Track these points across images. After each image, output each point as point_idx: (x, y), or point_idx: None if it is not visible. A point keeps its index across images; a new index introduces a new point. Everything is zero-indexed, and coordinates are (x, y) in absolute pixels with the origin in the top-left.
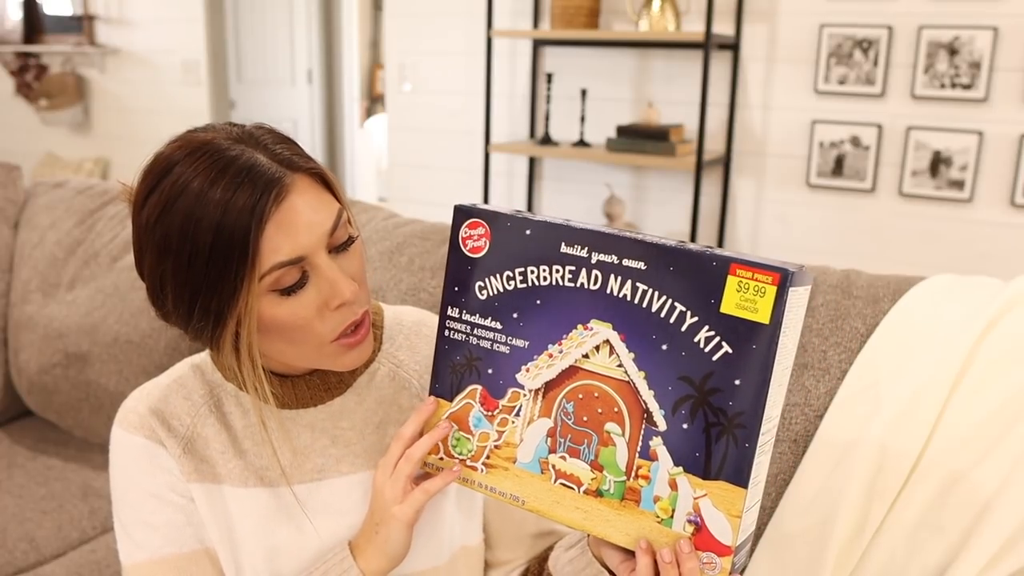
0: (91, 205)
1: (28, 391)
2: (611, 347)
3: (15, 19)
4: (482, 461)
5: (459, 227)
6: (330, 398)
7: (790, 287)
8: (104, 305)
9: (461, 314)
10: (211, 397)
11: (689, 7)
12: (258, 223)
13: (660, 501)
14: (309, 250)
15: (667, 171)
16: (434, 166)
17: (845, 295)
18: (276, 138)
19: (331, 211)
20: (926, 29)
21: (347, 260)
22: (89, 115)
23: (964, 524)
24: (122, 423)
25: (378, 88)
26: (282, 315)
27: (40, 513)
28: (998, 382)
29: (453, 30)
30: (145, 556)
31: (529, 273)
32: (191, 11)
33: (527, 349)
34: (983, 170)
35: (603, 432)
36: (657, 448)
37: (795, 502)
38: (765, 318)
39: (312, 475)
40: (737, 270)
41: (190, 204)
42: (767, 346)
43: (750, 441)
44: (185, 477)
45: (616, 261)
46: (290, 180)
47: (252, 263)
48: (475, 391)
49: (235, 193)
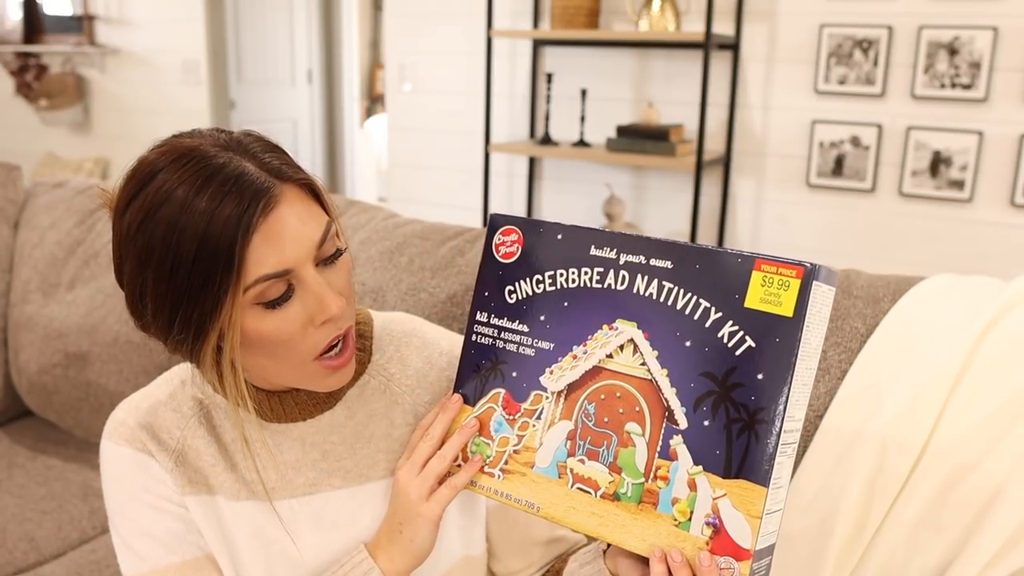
0: (91, 205)
1: (28, 391)
2: (635, 346)
3: (15, 19)
4: (500, 467)
5: (493, 235)
6: (319, 412)
7: (814, 281)
8: (104, 305)
9: (490, 318)
10: (200, 408)
11: (689, 7)
12: (244, 234)
13: (678, 503)
14: (296, 263)
15: (667, 171)
16: (434, 166)
17: (845, 295)
18: (265, 146)
19: (320, 223)
20: (926, 29)
21: (335, 274)
22: (89, 115)
23: (964, 524)
24: (111, 436)
25: (378, 88)
26: (266, 329)
27: (40, 513)
28: (998, 382)
29: (453, 30)
30: (149, 567)
31: (558, 276)
32: (191, 11)
33: (552, 351)
34: (983, 170)
35: (623, 433)
36: (677, 447)
37: (795, 502)
38: (789, 311)
39: (304, 489)
40: (762, 265)
41: (174, 212)
42: (791, 339)
43: (771, 438)
44: (179, 490)
45: (644, 261)
46: (279, 191)
47: (237, 275)
48: (498, 395)
49: (221, 203)
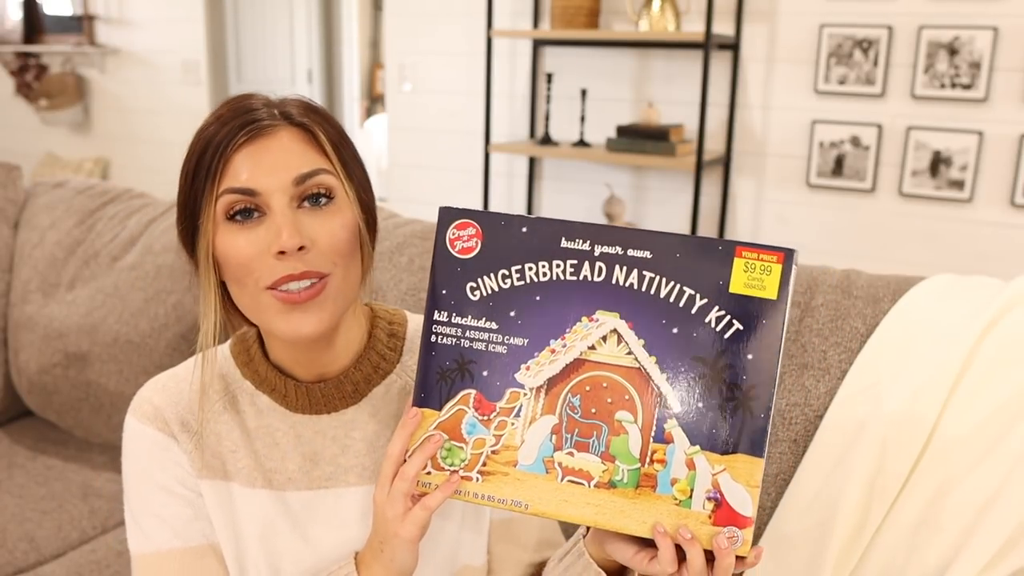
0: (91, 205)
1: (28, 391)
2: (619, 336)
3: (15, 19)
4: (477, 469)
5: (446, 229)
6: (344, 407)
7: (793, 265)
8: (104, 305)
9: (450, 317)
10: (226, 393)
11: (689, 7)
12: (225, 149)
13: (678, 483)
14: (266, 188)
15: (667, 171)
16: (434, 166)
17: (845, 295)
18: (299, 102)
19: (308, 163)
20: (926, 29)
21: (316, 219)
22: (89, 115)
23: (964, 524)
24: (135, 412)
25: (378, 88)
26: (230, 246)
27: (40, 513)
28: (998, 382)
29: (453, 30)
30: (153, 548)
31: (527, 270)
32: (191, 11)
33: (526, 347)
34: (983, 170)
35: (614, 421)
36: (672, 430)
37: (795, 502)
38: (773, 294)
39: (320, 482)
40: (743, 252)
41: (199, 133)
42: (777, 319)
43: (765, 412)
44: (195, 472)
45: (621, 252)
46: (274, 126)
47: (214, 182)
48: (468, 396)
49: (223, 127)
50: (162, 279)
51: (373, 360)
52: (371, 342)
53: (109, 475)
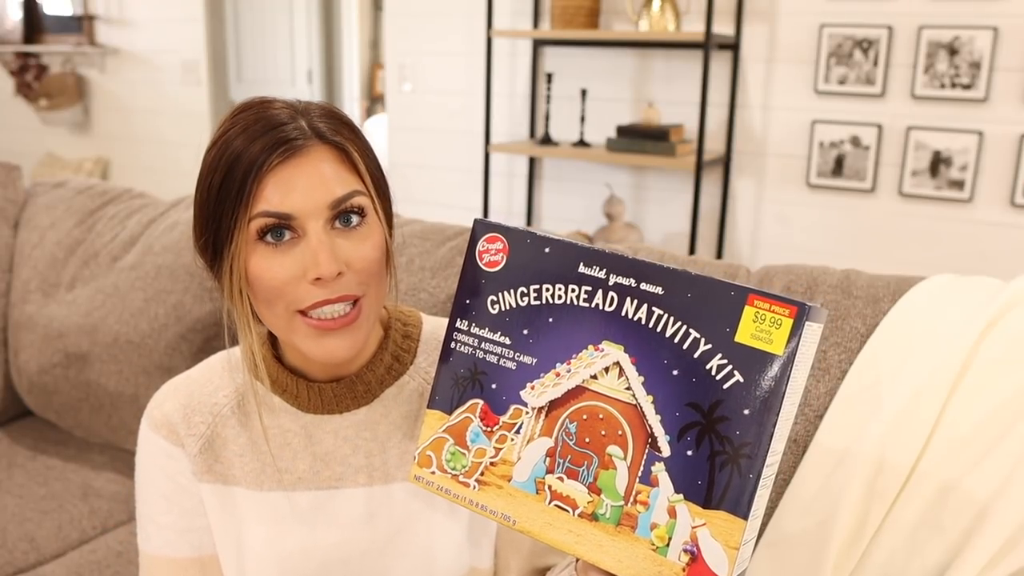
0: (91, 205)
1: (28, 391)
2: (620, 369)
3: (15, 19)
4: (475, 478)
5: (477, 240)
6: (356, 407)
7: (806, 321)
8: (104, 305)
9: (470, 327)
10: (237, 396)
11: (689, 7)
12: (258, 171)
13: (657, 528)
14: (300, 212)
15: (667, 171)
16: (434, 166)
17: (845, 295)
18: (324, 112)
19: (343, 186)
20: (926, 29)
21: (350, 241)
22: (89, 115)
23: (964, 524)
24: (147, 418)
25: (378, 88)
26: (262, 269)
27: (40, 513)
28: (998, 382)
29: (453, 30)
30: (151, 549)
31: (544, 291)
32: (191, 11)
33: (534, 366)
34: (983, 170)
35: (604, 455)
36: (659, 474)
37: (795, 502)
38: (779, 349)
39: (330, 482)
40: (755, 301)
41: (222, 145)
42: (779, 377)
43: (754, 472)
44: (197, 476)
45: (634, 284)
46: (307, 145)
47: (245, 206)
48: (476, 405)
49: (252, 143)
50: (162, 279)
51: (387, 361)
52: (385, 343)
53: (109, 475)
